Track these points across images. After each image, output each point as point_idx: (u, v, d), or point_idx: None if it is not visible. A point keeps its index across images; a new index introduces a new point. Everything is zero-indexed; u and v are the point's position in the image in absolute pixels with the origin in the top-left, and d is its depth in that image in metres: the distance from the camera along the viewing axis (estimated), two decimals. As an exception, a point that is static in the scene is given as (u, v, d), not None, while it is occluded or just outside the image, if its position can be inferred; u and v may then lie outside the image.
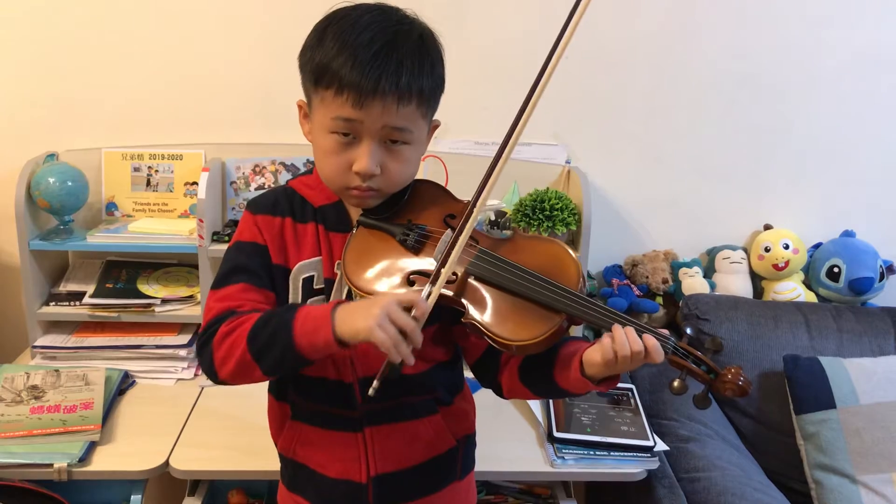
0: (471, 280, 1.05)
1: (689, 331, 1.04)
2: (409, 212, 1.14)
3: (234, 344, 1.02)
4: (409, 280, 1.06)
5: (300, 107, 1.13)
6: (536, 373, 1.11)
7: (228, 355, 1.02)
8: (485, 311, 1.03)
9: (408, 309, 0.95)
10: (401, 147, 1.07)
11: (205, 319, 1.09)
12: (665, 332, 1.00)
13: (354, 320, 0.94)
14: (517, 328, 1.01)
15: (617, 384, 1.06)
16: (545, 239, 1.12)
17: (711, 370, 1.00)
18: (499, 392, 1.20)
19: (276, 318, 1.00)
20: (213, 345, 1.04)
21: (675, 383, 0.99)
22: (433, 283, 1.00)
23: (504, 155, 1.02)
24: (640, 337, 0.98)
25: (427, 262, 1.07)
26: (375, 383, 0.97)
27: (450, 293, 1.04)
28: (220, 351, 1.03)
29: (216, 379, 1.06)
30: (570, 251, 1.07)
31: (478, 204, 1.03)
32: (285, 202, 1.15)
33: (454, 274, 1.05)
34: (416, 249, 1.08)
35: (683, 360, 0.99)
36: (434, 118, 1.13)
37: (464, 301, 1.04)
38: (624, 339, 0.97)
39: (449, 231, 1.09)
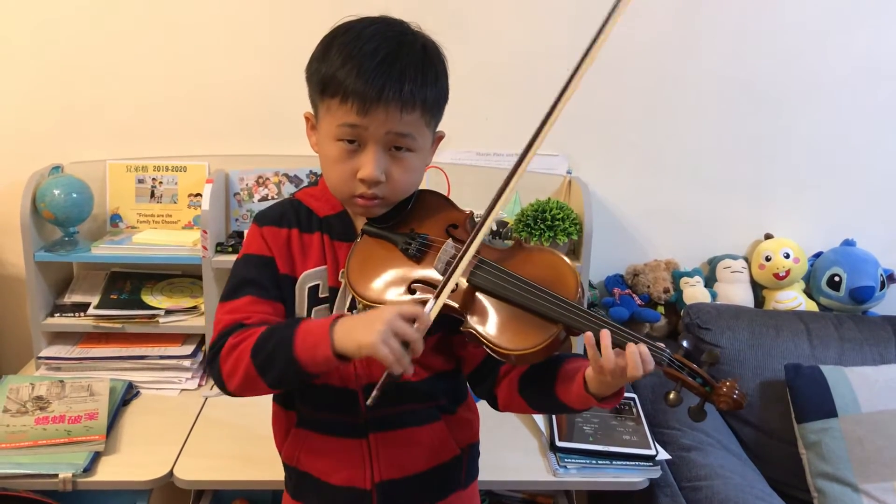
0: (471, 290, 1.06)
1: (685, 343, 1.04)
2: (413, 221, 1.15)
3: (240, 357, 1.03)
4: (411, 288, 1.07)
5: (307, 119, 1.15)
6: (537, 386, 1.12)
7: (235, 368, 1.04)
8: (484, 321, 1.04)
9: (410, 321, 0.96)
10: (405, 155, 1.08)
11: (214, 332, 1.10)
12: (661, 345, 1.00)
13: (357, 335, 0.95)
14: (515, 338, 1.02)
15: (619, 402, 1.07)
16: (545, 250, 1.13)
17: (707, 383, 1.00)
18: (493, 404, 1.20)
19: (279, 333, 1.01)
20: (220, 358, 1.05)
21: (671, 395, 0.99)
22: (437, 295, 1.01)
23: (519, 171, 1.03)
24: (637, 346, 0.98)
25: (428, 271, 1.08)
26: (375, 392, 0.99)
27: (451, 303, 1.05)
28: (228, 364, 1.04)
29: (226, 391, 1.07)
30: (569, 262, 1.08)
31: (487, 221, 1.03)
32: (292, 214, 1.17)
33: (455, 284, 1.06)
34: (418, 258, 1.10)
35: (678, 372, 1.00)
36: (438, 130, 1.15)
37: (464, 310, 1.05)
38: (607, 339, 0.97)
39: (450, 241, 1.11)
